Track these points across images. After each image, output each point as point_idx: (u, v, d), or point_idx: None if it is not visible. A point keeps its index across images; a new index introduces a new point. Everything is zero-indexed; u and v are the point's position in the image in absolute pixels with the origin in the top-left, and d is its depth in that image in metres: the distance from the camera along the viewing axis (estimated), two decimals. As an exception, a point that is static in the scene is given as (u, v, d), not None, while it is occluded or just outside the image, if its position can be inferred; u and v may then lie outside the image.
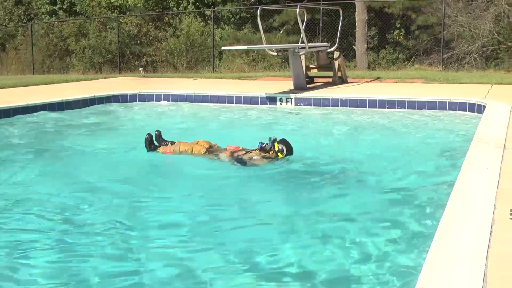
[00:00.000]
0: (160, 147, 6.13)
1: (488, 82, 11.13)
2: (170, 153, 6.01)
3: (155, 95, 10.85)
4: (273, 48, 11.37)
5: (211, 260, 3.32)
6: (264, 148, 5.67)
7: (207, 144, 5.96)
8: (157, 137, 6.28)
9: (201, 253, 3.44)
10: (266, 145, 5.66)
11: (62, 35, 21.94)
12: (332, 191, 4.80)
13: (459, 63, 16.51)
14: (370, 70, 16.92)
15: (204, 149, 5.87)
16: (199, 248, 3.52)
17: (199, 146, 5.92)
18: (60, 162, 6.07)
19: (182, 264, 3.27)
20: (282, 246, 3.50)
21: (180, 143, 6.06)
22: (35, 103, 9.18)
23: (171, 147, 6.06)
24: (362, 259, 3.26)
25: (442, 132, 7.33)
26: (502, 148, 4.79)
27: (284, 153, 5.65)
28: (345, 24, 16.73)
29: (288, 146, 5.69)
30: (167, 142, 6.18)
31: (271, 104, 9.93)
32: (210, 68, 18.33)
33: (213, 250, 3.47)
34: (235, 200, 4.61)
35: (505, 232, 2.81)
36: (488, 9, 16.67)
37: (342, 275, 3.09)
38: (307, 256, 3.33)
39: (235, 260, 3.31)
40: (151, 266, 3.24)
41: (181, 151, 5.98)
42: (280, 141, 5.69)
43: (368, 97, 9.34)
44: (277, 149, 5.61)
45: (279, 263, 3.27)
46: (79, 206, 4.40)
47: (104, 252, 3.47)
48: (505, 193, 3.46)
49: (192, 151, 5.90)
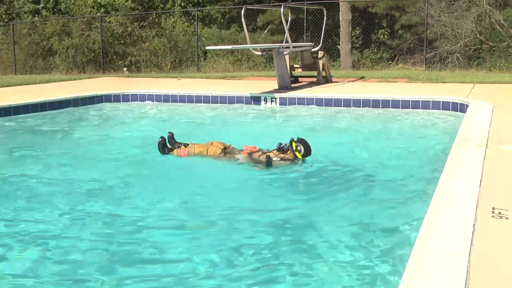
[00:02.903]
0: (174, 150, 5.99)
1: (471, 82, 11.25)
2: (184, 156, 5.85)
3: (139, 95, 10.81)
4: (258, 48, 11.37)
5: (223, 263, 3.29)
6: (282, 148, 5.53)
7: (222, 145, 5.81)
8: (170, 139, 6.12)
9: (214, 256, 3.39)
10: (285, 146, 5.53)
11: (45, 34, 21.72)
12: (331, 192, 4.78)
13: (442, 62, 16.67)
14: (354, 69, 17.00)
15: (219, 150, 5.72)
16: (213, 251, 3.47)
17: (214, 147, 5.77)
18: (43, 164, 6.00)
19: (194, 267, 3.24)
20: (299, 247, 3.47)
21: (195, 145, 5.90)
22: (18, 104, 9.09)
23: (186, 149, 5.90)
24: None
25: (425, 131, 7.39)
26: (484, 147, 4.85)
27: (302, 153, 5.52)
28: (329, 23, 16.80)
29: (306, 146, 5.55)
30: (180, 144, 6.03)
31: (255, 104, 9.93)
32: (194, 68, 18.28)
33: (228, 253, 3.42)
34: (252, 203, 4.50)
35: (487, 230, 2.84)
36: (470, 9, 16.86)
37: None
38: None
39: (249, 262, 3.29)
40: (161, 269, 3.23)
41: (195, 153, 5.81)
42: (298, 141, 5.55)
43: (352, 97, 9.38)
44: (295, 148, 5.47)
45: (296, 266, 3.22)
46: (75, 208, 4.34)
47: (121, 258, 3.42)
48: (488, 191, 3.50)
49: (207, 152, 5.73)
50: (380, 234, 3.60)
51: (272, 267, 3.19)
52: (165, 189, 4.97)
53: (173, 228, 3.93)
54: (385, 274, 2.99)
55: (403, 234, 3.49)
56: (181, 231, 3.87)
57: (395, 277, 2.89)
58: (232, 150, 5.78)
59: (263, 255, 3.38)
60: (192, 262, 3.30)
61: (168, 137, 6.13)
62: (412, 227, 3.50)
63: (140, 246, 3.57)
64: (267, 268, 3.19)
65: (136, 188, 5.03)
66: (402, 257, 3.03)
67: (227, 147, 5.82)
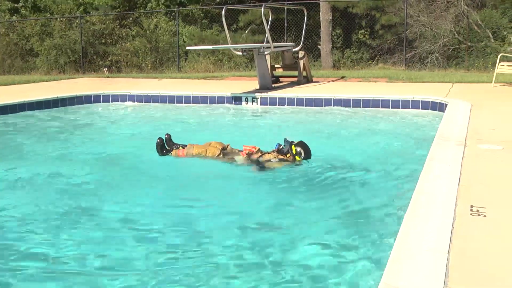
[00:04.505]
0: (173, 151, 5.96)
1: (450, 81, 11.39)
2: (183, 156, 5.83)
3: (119, 95, 10.73)
4: (239, 48, 11.36)
5: (222, 264, 3.29)
6: (281, 150, 5.52)
7: (220, 145, 5.80)
8: (168, 140, 6.11)
9: (214, 257, 3.39)
10: (284, 147, 5.51)
11: (24, 34, 21.43)
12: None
13: (421, 62, 16.83)
14: (335, 69, 17.07)
15: (218, 151, 5.71)
16: (212, 253, 3.47)
17: (213, 148, 5.75)
18: (26, 167, 5.94)
19: (194, 267, 3.25)
20: (299, 250, 3.48)
21: (193, 146, 5.88)
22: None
23: (184, 150, 5.88)
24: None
25: (405, 130, 7.46)
26: (463, 146, 4.91)
27: (302, 157, 5.50)
28: (310, 23, 16.85)
29: (306, 149, 5.54)
30: (178, 146, 6.02)
31: (237, 104, 9.93)
32: (175, 68, 18.20)
33: (228, 254, 3.42)
34: (250, 204, 4.49)
35: (466, 227, 2.88)
36: (448, 9, 17.04)
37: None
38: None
39: (249, 262, 3.30)
40: (161, 270, 3.23)
41: (194, 153, 5.79)
42: (297, 144, 5.53)
43: (333, 96, 9.43)
44: (295, 152, 5.45)
45: (294, 268, 3.23)
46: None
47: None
48: (466, 189, 3.55)
49: (206, 153, 5.72)
50: (357, 236, 3.63)
51: (272, 267, 3.22)
52: (162, 190, 4.96)
53: (172, 229, 3.91)
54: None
55: (378, 236, 3.54)
56: (181, 232, 3.86)
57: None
58: (231, 150, 5.78)
59: (263, 254, 3.41)
60: (192, 262, 3.31)
61: (166, 139, 6.11)
62: (391, 227, 3.54)
63: (139, 246, 3.57)
64: (267, 267, 3.21)
65: (130, 187, 5.02)
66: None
67: (226, 147, 5.81)
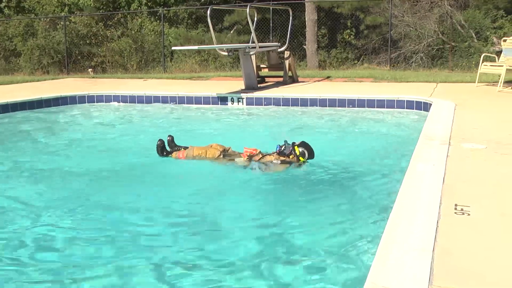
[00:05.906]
0: (173, 153, 5.94)
1: (434, 81, 11.48)
2: (183, 158, 5.81)
3: (104, 96, 10.67)
4: (224, 48, 11.35)
5: (222, 264, 3.29)
6: (283, 151, 5.50)
7: (221, 147, 5.78)
8: (170, 142, 6.08)
9: (216, 260, 3.37)
10: (285, 148, 5.50)
11: (8, 35, 21.21)
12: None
13: (406, 62, 16.94)
14: (321, 69, 17.12)
15: (218, 153, 5.69)
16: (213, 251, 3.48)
17: (213, 150, 5.74)
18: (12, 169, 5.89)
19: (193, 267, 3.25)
20: (302, 252, 3.48)
21: (194, 148, 5.86)
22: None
23: (184, 151, 5.86)
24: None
25: (390, 130, 7.51)
26: (447, 145, 4.95)
27: (305, 157, 5.49)
28: (295, 24, 16.89)
29: (309, 149, 5.54)
30: (180, 147, 6.00)
31: (222, 104, 9.92)
32: (161, 69, 18.13)
33: (228, 254, 3.43)
34: (251, 205, 4.48)
35: (450, 226, 2.91)
36: (432, 9, 17.16)
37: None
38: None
39: (249, 262, 3.29)
40: (160, 271, 3.22)
41: (194, 155, 5.77)
42: (300, 144, 5.52)
43: (318, 96, 9.46)
44: (298, 153, 5.44)
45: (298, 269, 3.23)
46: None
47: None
48: (450, 188, 3.58)
49: (206, 155, 5.71)
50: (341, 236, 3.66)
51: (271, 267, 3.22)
52: (162, 191, 4.94)
53: (171, 230, 3.91)
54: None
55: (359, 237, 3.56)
56: (180, 233, 3.86)
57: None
58: (232, 152, 5.77)
59: (263, 254, 3.42)
60: (191, 262, 3.31)
61: (168, 140, 6.09)
62: (376, 227, 3.57)
63: (139, 247, 3.58)
64: (265, 268, 3.22)
65: (133, 190, 4.99)
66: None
67: (227, 149, 5.80)
